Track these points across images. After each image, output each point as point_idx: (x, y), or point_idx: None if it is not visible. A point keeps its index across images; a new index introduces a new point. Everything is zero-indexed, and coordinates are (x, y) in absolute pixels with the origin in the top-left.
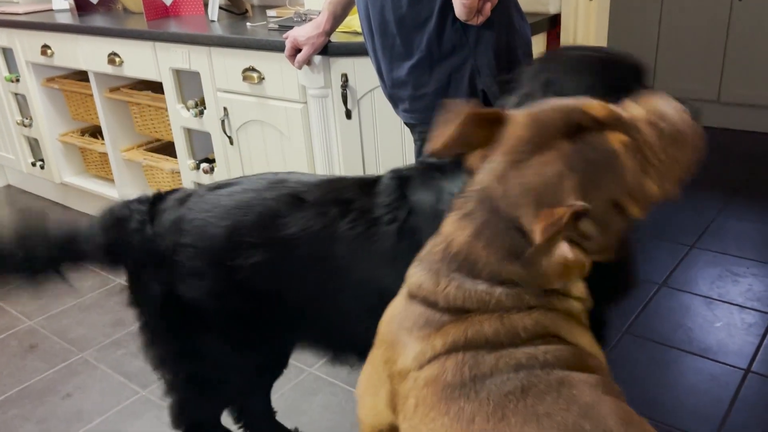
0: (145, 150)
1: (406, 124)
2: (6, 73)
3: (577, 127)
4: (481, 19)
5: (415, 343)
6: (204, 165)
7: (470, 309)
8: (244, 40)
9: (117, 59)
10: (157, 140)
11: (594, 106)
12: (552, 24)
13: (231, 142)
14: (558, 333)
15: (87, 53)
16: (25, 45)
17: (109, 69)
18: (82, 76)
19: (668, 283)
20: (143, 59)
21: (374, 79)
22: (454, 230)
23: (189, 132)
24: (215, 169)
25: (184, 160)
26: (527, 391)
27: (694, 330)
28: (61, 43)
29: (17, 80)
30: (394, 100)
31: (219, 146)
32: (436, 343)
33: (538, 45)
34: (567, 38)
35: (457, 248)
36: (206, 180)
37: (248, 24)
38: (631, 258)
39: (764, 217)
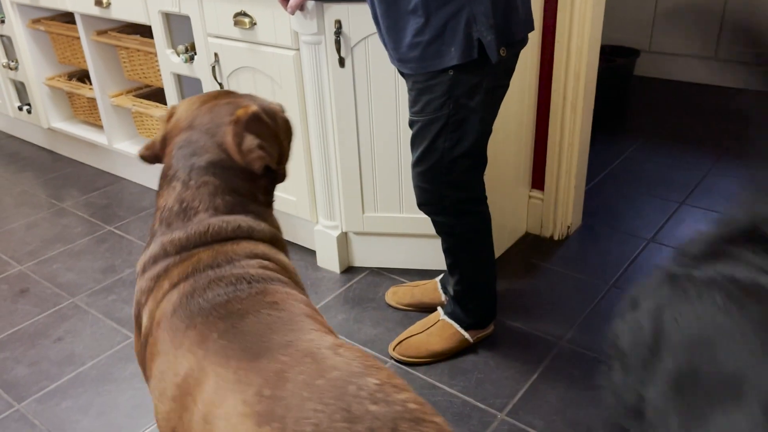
0: (134, 96)
1: (400, 73)
2: None
3: (232, 92)
4: None
5: (150, 301)
6: None
7: (193, 246)
8: None
9: (104, 0)
10: (147, 86)
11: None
12: None
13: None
14: (267, 256)
15: None
16: None
17: (96, 11)
18: (68, 17)
19: (656, 238)
20: (131, 1)
21: (369, 26)
22: (164, 199)
23: (179, 78)
24: None
25: None
26: (231, 301)
27: None
28: None
29: (2, 21)
30: (389, 49)
31: None
32: (164, 284)
33: None
34: None
35: (170, 207)
36: None
37: None
38: None
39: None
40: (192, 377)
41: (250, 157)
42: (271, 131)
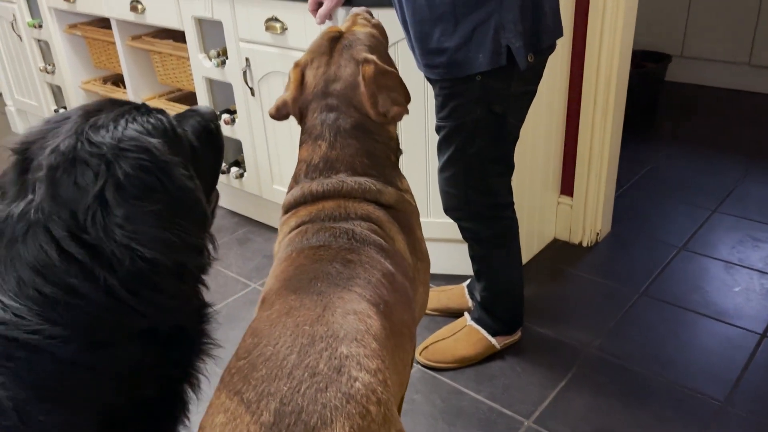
0: (167, 100)
1: (427, 78)
2: (29, 19)
3: (336, 36)
4: None
5: (281, 233)
6: (225, 116)
7: (326, 196)
8: None
9: (139, 6)
10: (179, 90)
11: (335, 27)
12: None
13: (252, 94)
14: (380, 223)
15: (109, 0)
16: None
17: (131, 16)
18: (104, 23)
19: (688, 246)
20: (166, 7)
21: (398, 33)
22: (309, 154)
23: (211, 82)
24: (236, 120)
25: None
26: (323, 246)
27: (712, 294)
28: None
29: (40, 26)
30: (416, 54)
31: (240, 97)
32: (291, 222)
33: (567, 1)
34: None
35: (316, 163)
36: (228, 131)
37: None
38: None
39: None
40: (270, 293)
41: (389, 116)
42: (395, 76)
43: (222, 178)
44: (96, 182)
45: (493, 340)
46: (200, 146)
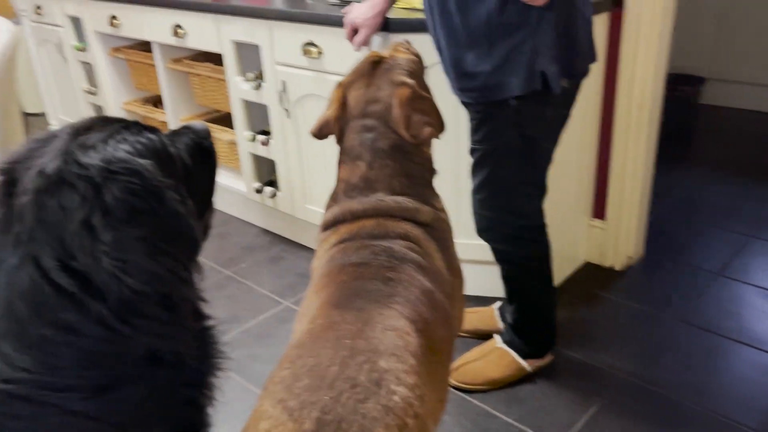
0: (204, 120)
1: (461, 102)
2: (75, 42)
3: (377, 60)
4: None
5: (319, 249)
6: (260, 137)
7: (365, 215)
8: (304, 14)
9: (180, 31)
10: (216, 111)
11: (377, 52)
12: (615, 3)
13: (288, 116)
14: (418, 241)
15: (152, 24)
16: (94, 15)
17: (172, 40)
18: (146, 46)
19: (724, 272)
20: (205, 31)
21: (433, 57)
22: (348, 174)
23: (247, 104)
24: (271, 141)
25: (241, 131)
26: (363, 264)
27: (748, 320)
28: (127, 14)
29: (85, 49)
30: (451, 78)
31: (276, 119)
32: (331, 239)
33: (601, 25)
34: (631, 19)
35: (355, 183)
36: (263, 152)
37: None
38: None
39: None
40: (311, 309)
41: (420, 138)
42: (429, 102)
43: (256, 197)
44: (83, 206)
45: (523, 363)
46: (193, 165)
